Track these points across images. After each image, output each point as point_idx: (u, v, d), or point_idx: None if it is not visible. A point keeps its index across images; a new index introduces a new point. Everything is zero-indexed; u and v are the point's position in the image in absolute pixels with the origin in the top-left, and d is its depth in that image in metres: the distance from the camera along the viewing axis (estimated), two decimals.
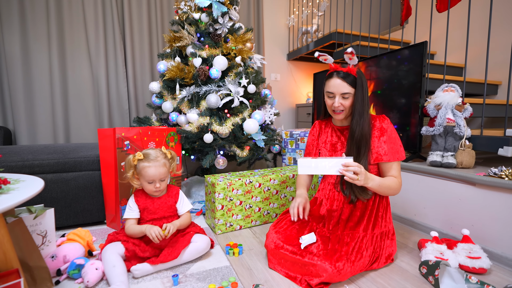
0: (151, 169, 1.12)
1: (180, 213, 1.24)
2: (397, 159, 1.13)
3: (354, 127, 1.11)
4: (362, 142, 1.11)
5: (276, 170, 1.73)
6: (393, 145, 1.13)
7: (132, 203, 1.17)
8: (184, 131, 1.72)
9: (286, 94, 3.25)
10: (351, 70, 1.10)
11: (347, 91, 1.10)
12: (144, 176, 1.13)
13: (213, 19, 1.85)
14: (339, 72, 1.11)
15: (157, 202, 1.19)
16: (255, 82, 1.84)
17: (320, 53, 1.17)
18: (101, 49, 2.30)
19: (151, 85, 2.00)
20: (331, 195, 1.23)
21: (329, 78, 1.14)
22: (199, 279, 1.04)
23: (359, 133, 1.10)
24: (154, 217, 1.18)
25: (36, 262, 0.91)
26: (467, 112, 1.44)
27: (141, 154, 1.14)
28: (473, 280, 0.94)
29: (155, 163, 1.13)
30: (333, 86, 1.11)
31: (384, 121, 1.14)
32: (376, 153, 1.13)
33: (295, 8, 3.15)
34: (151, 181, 1.14)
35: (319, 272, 0.97)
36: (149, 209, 1.18)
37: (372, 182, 1.06)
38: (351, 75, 1.10)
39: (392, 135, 1.14)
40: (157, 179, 1.14)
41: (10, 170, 1.36)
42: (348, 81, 1.09)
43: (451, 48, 2.48)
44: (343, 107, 1.12)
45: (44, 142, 2.22)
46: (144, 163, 1.13)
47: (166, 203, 1.21)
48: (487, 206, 1.21)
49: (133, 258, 1.09)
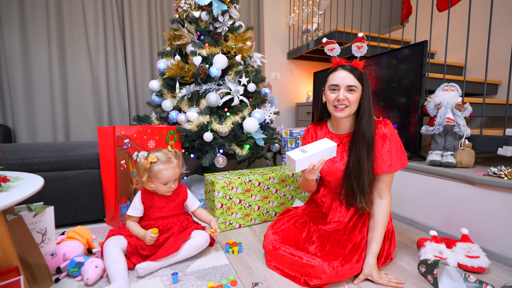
0: (168, 171, 1.12)
1: (191, 209, 1.28)
2: (400, 167, 1.07)
3: (365, 128, 1.02)
4: (371, 145, 1.03)
5: (276, 169, 1.73)
6: (397, 154, 1.06)
7: (138, 202, 1.17)
8: (184, 129, 1.72)
9: (286, 93, 3.25)
10: (358, 64, 1.04)
11: (353, 84, 1.01)
12: (160, 178, 1.12)
13: (213, 18, 1.85)
14: (344, 66, 1.04)
15: (164, 200, 1.19)
16: (255, 81, 1.84)
17: (328, 40, 1.11)
18: (101, 47, 2.30)
19: (151, 83, 1.99)
20: (334, 205, 1.19)
21: (333, 71, 1.06)
22: (198, 277, 1.05)
23: (370, 135, 1.02)
24: (161, 215, 1.19)
25: (36, 259, 0.91)
26: (467, 112, 1.44)
27: (154, 157, 1.13)
28: (471, 279, 0.95)
29: (170, 165, 1.13)
30: (339, 78, 1.02)
31: (386, 126, 1.06)
32: (381, 164, 1.05)
33: (296, 6, 3.14)
34: (166, 182, 1.14)
35: (318, 273, 0.97)
36: (156, 207, 1.18)
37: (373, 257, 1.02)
38: (358, 69, 1.04)
39: (395, 142, 1.06)
40: (172, 180, 1.15)
41: (9, 168, 1.36)
42: (354, 74, 1.02)
43: (451, 47, 2.48)
44: (348, 102, 1.02)
45: (44, 140, 2.22)
46: (159, 165, 1.12)
47: (173, 201, 1.21)
48: (486, 206, 1.21)
49: (134, 254, 1.10)
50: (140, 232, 1.12)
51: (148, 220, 1.18)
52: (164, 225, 1.18)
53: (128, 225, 1.16)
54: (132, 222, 1.16)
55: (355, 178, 1.06)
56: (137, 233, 1.13)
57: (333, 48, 1.09)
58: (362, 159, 1.03)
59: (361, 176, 1.04)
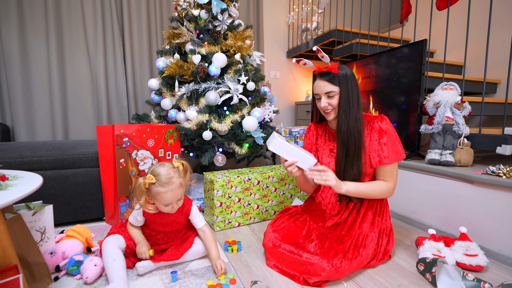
0: (168, 194, 1.01)
1: (196, 227, 1.17)
2: (396, 160, 1.09)
3: (340, 125, 1.08)
4: (350, 141, 1.07)
5: (275, 168, 1.73)
6: (393, 146, 1.09)
7: (139, 215, 1.11)
8: (183, 128, 1.72)
9: (285, 92, 3.25)
10: (332, 68, 1.08)
11: (331, 90, 1.07)
12: (161, 200, 1.02)
13: (213, 16, 1.84)
14: (322, 73, 1.10)
15: (166, 218, 1.12)
16: (255, 80, 1.83)
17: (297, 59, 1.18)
18: (100, 45, 2.29)
19: (150, 82, 1.99)
20: (332, 200, 1.20)
21: (315, 80, 1.13)
22: (197, 275, 1.05)
23: (345, 132, 1.07)
24: (162, 230, 1.14)
25: (35, 258, 0.91)
26: (466, 111, 1.44)
27: (152, 177, 1.00)
28: (469, 277, 0.95)
29: (170, 187, 1.01)
30: (317, 87, 1.11)
31: (383, 121, 1.10)
32: (378, 156, 1.08)
33: (295, 5, 3.14)
34: (168, 204, 1.04)
35: (317, 271, 0.97)
36: (157, 223, 1.13)
37: (346, 187, 1.04)
38: (332, 73, 1.07)
39: (392, 135, 1.10)
40: (174, 201, 1.04)
41: (8, 166, 1.36)
42: (330, 80, 1.07)
43: (451, 46, 2.48)
44: (331, 106, 1.09)
45: (43, 138, 2.21)
46: (158, 188, 1.00)
47: (176, 219, 1.14)
48: (484, 204, 1.21)
49: (132, 255, 1.10)
50: (138, 238, 1.11)
51: (149, 230, 1.15)
52: (164, 240, 1.15)
53: (129, 227, 1.14)
54: (132, 229, 1.14)
55: (343, 170, 1.11)
56: (135, 238, 1.11)
57: (323, 56, 1.14)
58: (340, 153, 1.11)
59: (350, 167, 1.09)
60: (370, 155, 1.10)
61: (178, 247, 1.12)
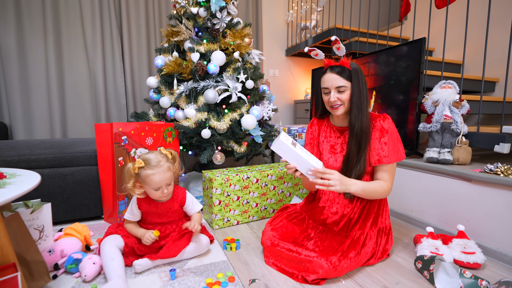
0: (156, 176, 1.05)
1: (190, 214, 1.21)
2: (396, 159, 1.09)
3: (353, 122, 1.07)
4: (362, 138, 1.07)
5: (274, 166, 1.73)
6: (394, 146, 1.09)
7: (135, 208, 1.13)
8: (182, 126, 1.71)
9: (284, 90, 3.25)
10: (345, 63, 1.07)
11: (342, 84, 1.06)
12: (150, 184, 1.06)
13: (211, 14, 1.84)
14: (332, 67, 1.08)
15: (161, 207, 1.14)
16: (253, 78, 1.83)
17: (310, 48, 1.16)
18: (98, 43, 2.28)
19: (149, 80, 1.98)
20: (331, 197, 1.20)
21: (324, 74, 1.11)
22: (196, 273, 1.05)
23: (359, 128, 1.06)
24: (159, 221, 1.16)
25: (33, 256, 0.91)
26: (464, 109, 1.44)
27: (141, 161, 1.06)
28: (467, 274, 0.96)
29: (159, 169, 1.06)
30: (327, 81, 1.08)
31: (385, 120, 1.10)
32: (377, 155, 1.08)
33: (294, 3, 3.13)
34: (158, 188, 1.08)
35: (315, 269, 0.97)
36: (153, 214, 1.14)
37: (355, 187, 1.02)
38: (345, 68, 1.07)
39: (393, 135, 1.09)
40: (164, 184, 1.08)
41: (6, 164, 1.35)
42: (342, 74, 1.06)
43: (450, 44, 2.48)
44: (341, 101, 1.08)
45: (41, 137, 2.20)
46: (147, 170, 1.05)
47: (171, 208, 1.16)
48: (482, 202, 1.22)
49: (130, 255, 1.10)
50: (140, 231, 1.11)
51: (146, 225, 1.16)
52: (162, 231, 1.14)
53: (126, 226, 1.15)
54: (130, 224, 1.15)
55: (352, 166, 1.09)
56: (136, 232, 1.12)
57: (317, 54, 1.14)
58: (353, 150, 1.09)
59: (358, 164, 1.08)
60: (370, 153, 1.10)
61: (174, 243, 1.11)
